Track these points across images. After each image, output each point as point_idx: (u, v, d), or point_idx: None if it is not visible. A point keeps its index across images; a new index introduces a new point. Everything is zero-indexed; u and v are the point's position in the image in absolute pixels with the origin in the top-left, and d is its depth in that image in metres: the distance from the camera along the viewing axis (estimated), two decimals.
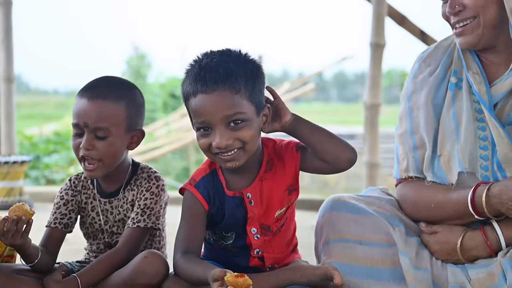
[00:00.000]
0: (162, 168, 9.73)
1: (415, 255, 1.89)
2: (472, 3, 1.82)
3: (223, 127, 1.78)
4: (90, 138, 1.97)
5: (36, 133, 10.81)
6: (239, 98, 1.77)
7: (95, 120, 1.96)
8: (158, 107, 14.78)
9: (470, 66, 1.92)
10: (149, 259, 1.87)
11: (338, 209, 1.93)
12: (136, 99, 2.06)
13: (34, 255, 1.94)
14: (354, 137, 15.27)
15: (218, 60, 1.81)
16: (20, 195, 5.00)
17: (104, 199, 2.10)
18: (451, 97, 1.92)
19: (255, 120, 1.82)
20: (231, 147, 1.79)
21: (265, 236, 1.91)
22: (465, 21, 1.85)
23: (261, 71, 1.87)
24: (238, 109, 1.77)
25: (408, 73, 2.10)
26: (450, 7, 1.86)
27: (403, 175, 1.98)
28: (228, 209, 1.90)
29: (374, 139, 5.20)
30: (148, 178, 2.07)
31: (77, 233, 2.19)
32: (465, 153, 1.85)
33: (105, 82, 2.06)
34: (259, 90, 1.83)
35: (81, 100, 2.00)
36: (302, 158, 1.90)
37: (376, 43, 5.11)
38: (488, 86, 1.89)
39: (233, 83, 1.77)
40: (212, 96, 1.77)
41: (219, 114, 1.77)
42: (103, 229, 2.11)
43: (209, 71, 1.78)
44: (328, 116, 22.20)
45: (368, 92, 5.19)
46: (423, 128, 1.94)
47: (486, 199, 1.79)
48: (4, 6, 5.65)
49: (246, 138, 1.79)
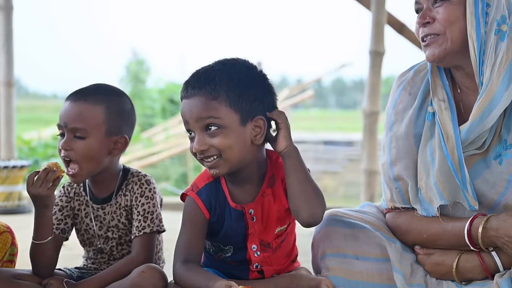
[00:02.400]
0: (161, 174, 9.73)
1: (410, 271, 1.88)
2: (442, 18, 1.82)
3: (199, 131, 1.80)
4: (68, 138, 2.00)
5: (34, 137, 10.81)
6: (215, 104, 1.78)
7: (73, 120, 2.00)
8: (157, 113, 14.78)
9: (437, 92, 1.90)
10: (146, 274, 1.87)
11: (334, 224, 1.92)
12: (120, 105, 2.07)
13: (48, 230, 1.99)
14: (352, 144, 15.30)
15: (210, 67, 1.85)
16: (19, 199, 5.00)
17: (97, 205, 2.11)
18: (428, 128, 1.90)
19: (237, 129, 1.80)
20: (207, 153, 1.80)
21: (264, 252, 1.90)
22: (433, 35, 1.84)
23: (259, 81, 1.86)
24: (212, 113, 1.78)
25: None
26: (421, 17, 1.86)
27: (389, 205, 1.97)
28: (228, 220, 1.89)
29: (372, 146, 5.22)
30: (139, 182, 2.08)
31: (76, 239, 2.19)
32: (445, 185, 1.84)
33: (92, 87, 2.10)
34: (250, 100, 1.81)
35: (65, 102, 2.05)
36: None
37: (375, 51, 5.13)
38: (454, 113, 1.86)
39: (211, 89, 1.79)
40: (190, 101, 1.81)
41: (193, 117, 1.80)
42: (98, 235, 2.11)
43: (193, 78, 1.84)
44: (326, 122, 22.20)
45: (367, 100, 5.20)
46: (402, 160, 1.92)
47: (483, 231, 1.78)
48: (5, 11, 5.67)
49: (220, 145, 1.79)
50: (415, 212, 1.91)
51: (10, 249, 2.05)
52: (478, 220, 1.80)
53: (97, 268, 2.13)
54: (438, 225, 1.87)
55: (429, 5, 1.85)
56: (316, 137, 15.93)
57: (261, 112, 1.84)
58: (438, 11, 1.83)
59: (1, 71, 5.71)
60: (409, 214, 1.93)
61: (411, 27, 5.01)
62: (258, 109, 1.83)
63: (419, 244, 1.92)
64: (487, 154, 1.86)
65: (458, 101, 1.92)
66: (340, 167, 13.32)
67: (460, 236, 1.82)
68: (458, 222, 1.84)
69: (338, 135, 17.35)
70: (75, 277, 2.09)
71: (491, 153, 1.85)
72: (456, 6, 1.82)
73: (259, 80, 1.87)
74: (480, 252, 1.84)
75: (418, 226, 1.90)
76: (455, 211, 1.87)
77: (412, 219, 1.92)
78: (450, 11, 1.82)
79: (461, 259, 1.86)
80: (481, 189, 1.84)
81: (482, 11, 1.80)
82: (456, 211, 1.87)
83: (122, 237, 2.11)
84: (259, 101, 1.84)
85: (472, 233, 1.81)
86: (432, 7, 1.85)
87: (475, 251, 1.84)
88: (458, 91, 1.93)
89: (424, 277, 1.90)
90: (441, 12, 1.83)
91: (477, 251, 1.83)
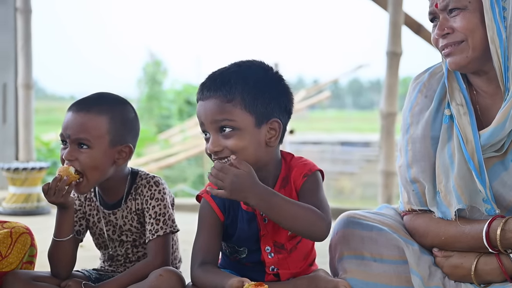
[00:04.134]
0: (178, 175, 9.76)
1: (428, 274, 1.87)
2: (461, 26, 1.80)
3: (214, 132, 1.80)
4: (72, 149, 1.99)
5: (53, 138, 10.89)
6: (230, 106, 1.79)
7: (76, 131, 1.98)
8: (174, 114, 14.83)
9: (455, 97, 1.88)
10: (164, 277, 1.87)
11: (352, 227, 1.91)
12: (124, 114, 2.06)
13: (69, 228, 2.01)
14: (369, 144, 15.25)
15: (225, 69, 1.86)
16: (38, 201, 5.03)
17: (108, 211, 2.11)
18: (446, 131, 1.89)
19: (251, 131, 1.80)
20: (221, 154, 1.80)
21: (279, 254, 1.90)
22: (454, 44, 1.82)
23: (275, 83, 1.86)
24: (227, 116, 1.79)
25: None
26: (439, 29, 1.83)
27: (406, 207, 1.96)
28: (241, 222, 1.89)
29: (390, 147, 5.20)
30: (147, 185, 2.07)
31: (93, 240, 2.21)
32: (463, 190, 1.83)
33: (94, 96, 2.08)
34: (266, 102, 1.82)
35: (68, 113, 2.03)
36: (303, 185, 1.87)
37: (392, 51, 5.11)
38: (473, 117, 1.85)
39: (227, 91, 1.80)
40: (205, 103, 1.82)
41: (208, 119, 1.81)
42: (112, 239, 2.12)
43: (209, 80, 1.85)
44: (343, 123, 22.15)
45: (384, 101, 5.19)
46: (418, 163, 1.91)
47: (501, 233, 1.77)
48: (24, 14, 5.72)
49: (234, 147, 1.79)
50: (433, 215, 1.90)
51: (29, 250, 2.07)
52: (497, 222, 1.79)
53: (114, 270, 2.14)
54: (456, 228, 1.86)
55: (445, 16, 1.83)
56: (333, 138, 15.91)
57: (276, 114, 1.84)
58: (455, 20, 1.81)
59: (20, 73, 5.77)
60: (427, 216, 1.92)
61: (428, 27, 4.98)
62: (274, 111, 1.83)
63: (437, 247, 1.91)
64: (505, 156, 1.84)
65: (474, 103, 1.91)
66: (357, 168, 13.27)
67: (478, 238, 1.81)
68: (476, 225, 1.83)
69: (355, 136, 17.30)
70: (93, 278, 2.10)
71: (509, 155, 1.83)
72: (473, 14, 1.80)
73: (275, 82, 1.87)
74: (498, 255, 1.82)
75: (436, 228, 1.89)
76: (473, 214, 1.86)
77: (430, 221, 1.91)
78: (469, 19, 1.80)
79: (480, 261, 1.85)
80: (499, 191, 1.83)
81: (500, 16, 1.78)
82: (473, 213, 1.86)
83: (137, 240, 2.11)
84: (275, 103, 1.84)
85: (490, 235, 1.79)
86: (448, 16, 1.83)
87: (493, 254, 1.83)
88: (474, 93, 1.92)
89: (442, 279, 1.89)
90: (459, 21, 1.80)
91: (496, 253, 1.82)
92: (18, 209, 4.95)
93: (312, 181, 1.88)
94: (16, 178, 4.97)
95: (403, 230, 1.95)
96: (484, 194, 1.81)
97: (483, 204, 1.82)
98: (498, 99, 1.88)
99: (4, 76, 6.00)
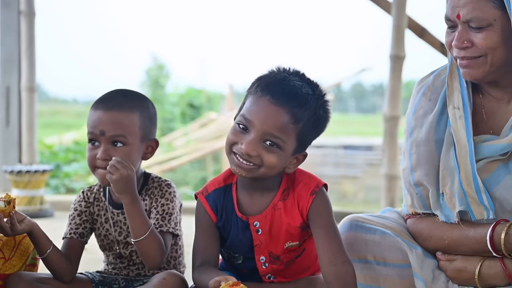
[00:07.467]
0: (180, 178, 9.76)
1: (431, 278, 1.87)
2: (483, 44, 1.77)
3: (258, 139, 1.76)
4: (107, 148, 1.99)
5: (56, 141, 10.90)
6: (292, 128, 1.77)
7: (112, 128, 1.98)
8: (176, 117, 14.84)
9: (453, 99, 1.88)
10: (167, 281, 1.88)
11: (355, 230, 1.91)
12: (149, 109, 2.09)
13: (43, 245, 1.99)
14: (372, 148, 15.22)
15: (301, 86, 1.80)
16: (41, 203, 5.04)
17: (117, 210, 2.11)
18: (450, 133, 1.88)
19: (288, 155, 1.80)
20: (251, 159, 1.76)
21: (273, 264, 1.89)
22: (472, 58, 1.80)
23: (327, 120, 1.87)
24: (281, 135, 1.76)
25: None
26: (458, 41, 1.80)
27: (410, 210, 1.96)
28: (234, 229, 1.88)
29: (393, 151, 5.19)
30: (159, 187, 2.08)
31: (97, 243, 2.21)
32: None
33: (119, 93, 2.09)
34: (315, 136, 1.85)
35: (96, 111, 2.02)
36: (312, 205, 1.83)
37: (396, 55, 5.11)
38: (468, 121, 1.84)
39: (300, 113, 1.77)
40: (273, 108, 1.76)
41: (264, 126, 1.75)
42: (118, 240, 2.12)
43: (291, 89, 1.78)
44: (346, 127, 22.12)
45: (387, 104, 5.18)
46: (422, 166, 1.91)
47: (505, 237, 1.77)
48: (27, 17, 5.73)
49: (267, 162, 1.77)
50: (436, 218, 1.90)
51: (32, 253, 2.07)
52: (501, 226, 1.79)
53: (118, 273, 2.14)
54: (459, 231, 1.85)
55: (466, 27, 1.79)
56: (336, 142, 15.87)
57: (307, 146, 1.86)
58: (477, 36, 1.78)
59: (24, 76, 5.78)
60: (430, 220, 1.92)
61: (431, 31, 4.98)
62: (309, 143, 1.86)
63: (441, 250, 1.91)
64: (509, 159, 1.84)
65: (479, 107, 1.91)
66: (360, 172, 13.26)
67: (482, 242, 1.81)
68: (480, 228, 1.82)
69: (358, 139, 17.26)
70: (97, 281, 2.10)
71: None
72: (497, 32, 1.77)
73: (327, 120, 1.87)
74: (503, 259, 1.82)
75: (440, 232, 1.89)
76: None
77: (434, 225, 1.90)
78: (492, 38, 1.77)
79: (484, 265, 1.84)
80: (502, 195, 1.82)
81: None
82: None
83: None
84: (318, 135, 1.87)
85: (494, 239, 1.79)
86: (469, 29, 1.79)
87: (497, 257, 1.82)
88: (480, 96, 1.92)
89: (446, 283, 1.89)
90: (482, 38, 1.77)
91: (500, 257, 1.82)
92: (22, 212, 4.95)
93: (320, 201, 1.84)
94: (19, 180, 4.99)
95: (407, 233, 1.95)
96: (477, 199, 1.81)
97: (469, 211, 1.82)
98: (505, 103, 1.88)
99: (8, 79, 6.02)
